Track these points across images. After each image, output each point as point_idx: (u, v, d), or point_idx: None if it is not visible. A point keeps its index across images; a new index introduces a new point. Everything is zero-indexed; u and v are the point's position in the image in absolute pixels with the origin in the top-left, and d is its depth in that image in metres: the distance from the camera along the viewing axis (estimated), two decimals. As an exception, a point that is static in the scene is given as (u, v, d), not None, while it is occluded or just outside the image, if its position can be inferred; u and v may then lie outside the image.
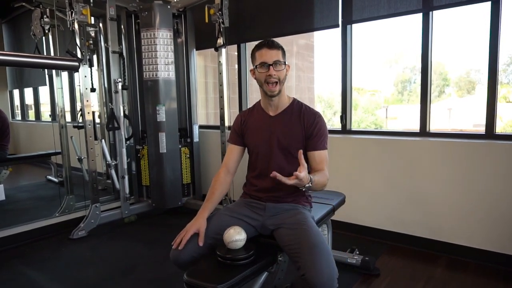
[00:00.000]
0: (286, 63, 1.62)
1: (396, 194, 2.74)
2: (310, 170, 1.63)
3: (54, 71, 3.42)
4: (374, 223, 2.87)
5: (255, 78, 1.63)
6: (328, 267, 1.33)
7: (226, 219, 1.59)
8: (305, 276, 1.31)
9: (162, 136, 3.43)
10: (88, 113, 3.07)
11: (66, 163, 3.51)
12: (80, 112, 3.23)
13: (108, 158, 3.34)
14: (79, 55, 2.97)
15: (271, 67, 1.55)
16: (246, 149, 1.78)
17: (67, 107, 3.80)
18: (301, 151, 1.41)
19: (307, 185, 1.41)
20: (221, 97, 3.33)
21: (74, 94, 4.48)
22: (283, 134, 1.64)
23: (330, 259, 1.37)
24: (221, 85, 3.33)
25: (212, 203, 1.65)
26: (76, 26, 2.89)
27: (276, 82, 1.58)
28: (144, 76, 3.42)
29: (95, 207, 3.13)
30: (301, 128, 1.63)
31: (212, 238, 1.54)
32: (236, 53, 3.73)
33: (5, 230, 2.87)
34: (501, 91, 2.66)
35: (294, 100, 1.71)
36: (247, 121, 1.74)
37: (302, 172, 1.35)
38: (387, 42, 3.72)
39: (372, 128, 4.72)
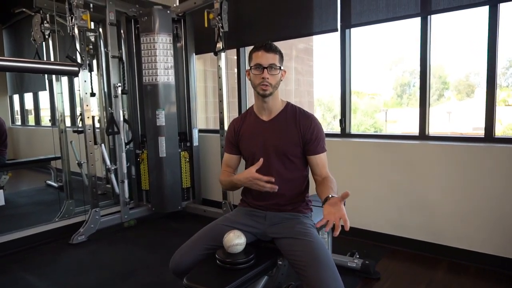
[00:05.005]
0: (282, 68, 1.60)
1: (396, 197, 2.74)
2: (313, 174, 1.64)
3: (54, 76, 3.43)
4: (374, 226, 2.87)
5: (249, 80, 1.62)
6: (335, 282, 1.32)
7: (225, 228, 1.54)
8: None
9: (162, 140, 3.43)
10: (88, 117, 3.07)
11: (66, 168, 3.51)
12: (80, 117, 3.24)
13: (108, 162, 3.35)
14: (79, 60, 2.98)
15: (265, 70, 1.53)
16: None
17: (67, 112, 3.80)
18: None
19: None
20: (221, 101, 3.34)
21: (74, 99, 4.50)
22: (279, 140, 1.61)
23: (336, 274, 1.35)
24: (220, 89, 3.33)
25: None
26: (76, 31, 2.90)
27: (269, 85, 1.55)
28: (144, 81, 3.43)
29: (95, 211, 3.12)
30: (297, 132, 1.60)
31: (210, 247, 1.52)
32: (235, 57, 3.75)
33: (5, 235, 2.87)
34: (500, 94, 2.67)
35: (288, 103, 1.68)
36: (240, 129, 1.70)
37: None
38: (386, 46, 3.73)
39: (371, 131, 4.72)
